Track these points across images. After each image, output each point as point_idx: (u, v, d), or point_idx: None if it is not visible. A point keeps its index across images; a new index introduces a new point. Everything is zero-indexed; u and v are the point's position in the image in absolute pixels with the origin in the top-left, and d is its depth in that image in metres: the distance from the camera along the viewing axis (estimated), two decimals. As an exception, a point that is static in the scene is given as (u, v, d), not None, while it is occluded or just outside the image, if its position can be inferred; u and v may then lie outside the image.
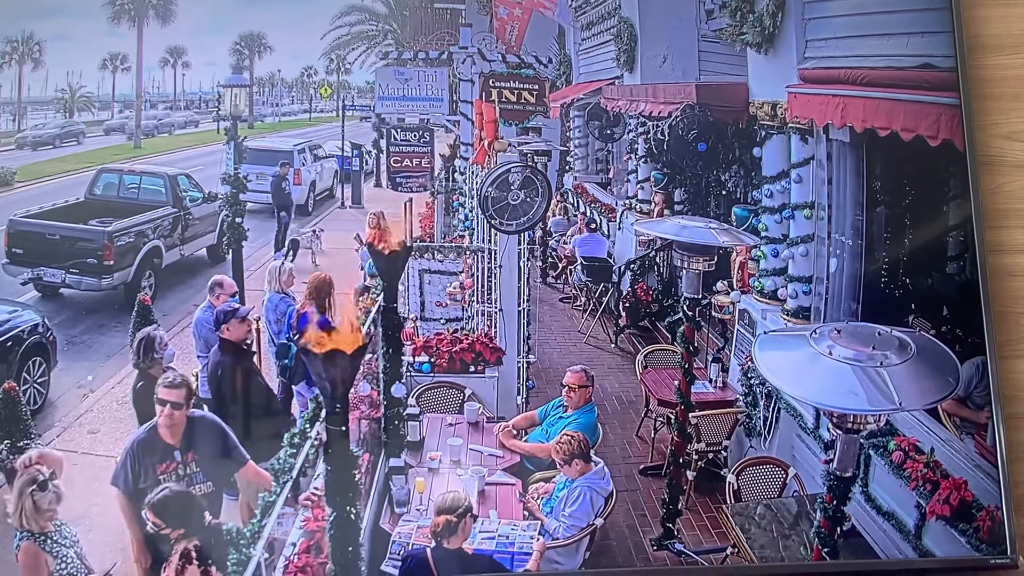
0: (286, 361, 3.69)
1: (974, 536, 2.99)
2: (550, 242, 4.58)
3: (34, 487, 3.03)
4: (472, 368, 3.99)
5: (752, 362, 3.66)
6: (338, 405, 2.43)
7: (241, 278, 3.90)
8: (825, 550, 3.07)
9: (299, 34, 3.94)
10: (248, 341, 3.63)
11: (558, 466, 3.55)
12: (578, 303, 4.49)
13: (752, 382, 3.79)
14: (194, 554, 2.94)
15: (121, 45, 3.85)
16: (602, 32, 4.38)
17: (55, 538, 3.04)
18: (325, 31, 3.95)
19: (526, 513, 3.55)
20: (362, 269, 3.97)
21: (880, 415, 3.00)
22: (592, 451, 3.57)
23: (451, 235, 4.41)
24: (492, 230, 4.05)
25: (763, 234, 3.82)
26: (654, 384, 3.96)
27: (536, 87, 4.16)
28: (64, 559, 3.04)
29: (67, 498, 3.17)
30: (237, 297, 3.74)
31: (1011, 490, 2.97)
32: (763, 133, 3.80)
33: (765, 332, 3.69)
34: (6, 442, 3.40)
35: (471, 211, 4.29)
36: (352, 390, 2.46)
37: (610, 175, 4.73)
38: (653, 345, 4.19)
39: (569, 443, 3.53)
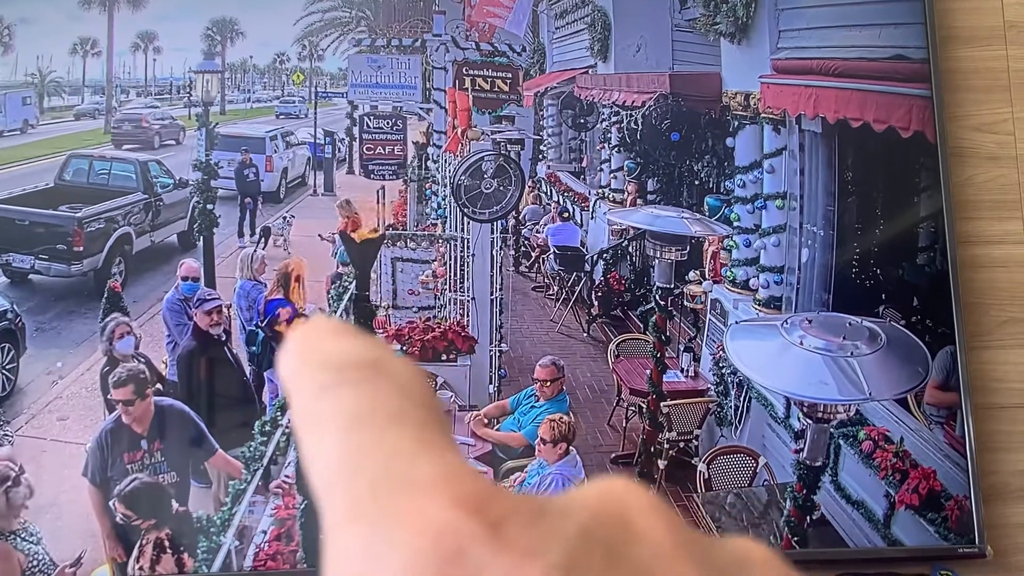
0: (254, 348, 3.68)
1: (943, 525, 3.01)
2: (523, 231, 4.57)
3: (9, 483, 3.02)
4: (444, 357, 3.98)
5: (723, 351, 3.67)
6: (309, 393, 2.43)
7: (212, 265, 3.88)
8: (795, 539, 3.09)
9: (271, 20, 3.91)
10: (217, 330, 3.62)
11: (538, 447, 3.55)
12: (551, 292, 4.48)
13: (723, 371, 3.80)
14: (167, 543, 2.94)
15: (91, 30, 3.81)
16: (576, 21, 4.37)
17: (23, 536, 3.03)
18: (297, 17, 3.92)
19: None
20: (334, 256, 3.96)
21: (850, 405, 3.02)
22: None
23: (424, 223, 4.39)
24: (465, 218, 4.04)
25: (735, 224, 3.82)
26: (626, 373, 3.97)
27: (510, 75, 4.15)
28: (35, 556, 3.03)
29: (36, 485, 3.16)
30: (194, 282, 3.72)
31: (979, 480, 3.00)
32: (736, 123, 3.80)
33: (737, 322, 3.70)
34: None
35: (444, 199, 4.28)
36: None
37: (583, 164, 4.72)
38: (625, 334, 4.19)
39: (560, 424, 3.53)
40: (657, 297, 3.67)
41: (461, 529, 0.34)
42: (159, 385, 3.41)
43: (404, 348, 3.98)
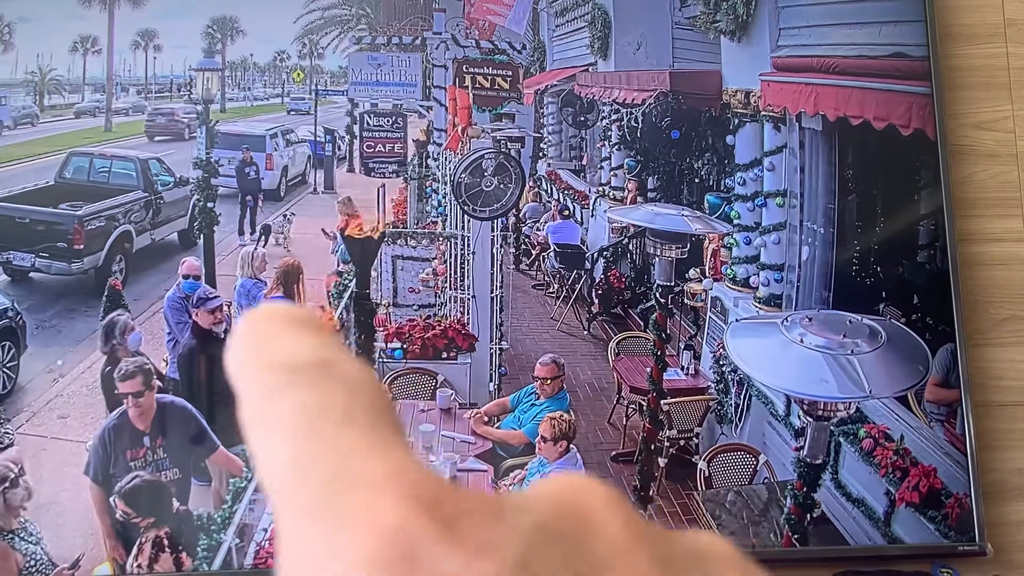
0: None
1: (943, 523, 3.01)
2: (523, 229, 4.56)
3: (6, 484, 3.02)
4: (445, 354, 3.98)
5: (724, 349, 3.67)
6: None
7: (212, 263, 3.88)
8: (795, 536, 3.09)
9: (271, 18, 3.91)
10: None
11: (539, 445, 3.55)
12: (551, 290, 4.48)
13: (724, 369, 3.80)
14: (166, 542, 2.93)
15: (92, 28, 3.81)
16: (576, 18, 4.37)
17: (22, 535, 3.03)
18: (298, 15, 3.92)
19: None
20: (334, 254, 3.96)
21: (850, 402, 3.02)
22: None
23: (424, 221, 4.39)
24: (465, 216, 4.04)
25: (735, 222, 3.82)
26: (626, 371, 3.96)
27: (510, 73, 4.15)
28: (33, 556, 3.03)
29: (37, 483, 3.16)
30: (195, 280, 3.72)
31: (980, 478, 3.00)
32: (736, 121, 3.80)
33: (737, 319, 3.70)
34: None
35: (444, 197, 4.28)
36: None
37: (583, 162, 4.72)
38: (625, 332, 4.19)
39: (560, 422, 3.53)
40: (657, 295, 3.66)
41: (413, 527, 0.33)
42: (159, 383, 3.41)
43: (404, 346, 3.98)
